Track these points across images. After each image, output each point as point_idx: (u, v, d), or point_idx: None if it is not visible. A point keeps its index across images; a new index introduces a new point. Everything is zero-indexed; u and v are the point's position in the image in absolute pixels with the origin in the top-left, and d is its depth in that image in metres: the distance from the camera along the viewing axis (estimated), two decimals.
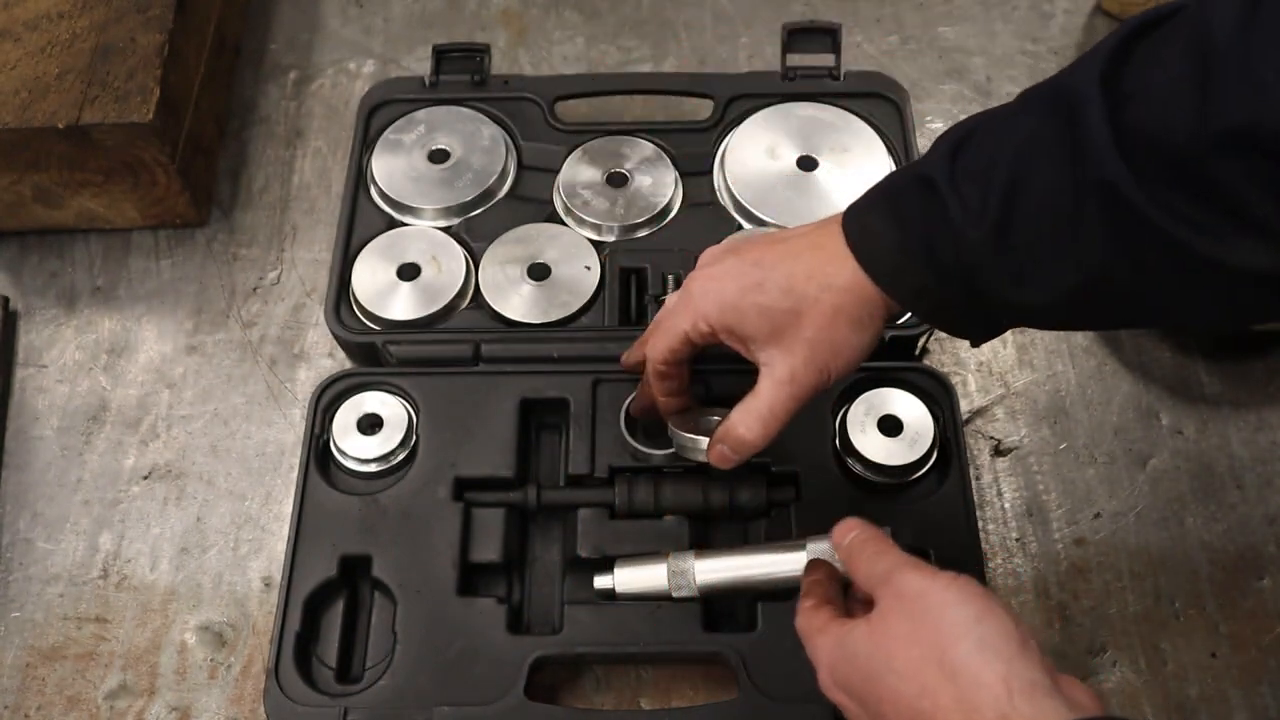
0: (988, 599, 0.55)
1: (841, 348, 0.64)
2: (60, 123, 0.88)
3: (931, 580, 0.56)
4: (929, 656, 0.53)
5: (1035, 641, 0.54)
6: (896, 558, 0.59)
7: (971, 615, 0.53)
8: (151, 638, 0.81)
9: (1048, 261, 0.57)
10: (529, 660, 0.74)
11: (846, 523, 0.65)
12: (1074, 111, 0.54)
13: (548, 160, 0.96)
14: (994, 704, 0.50)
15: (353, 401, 0.84)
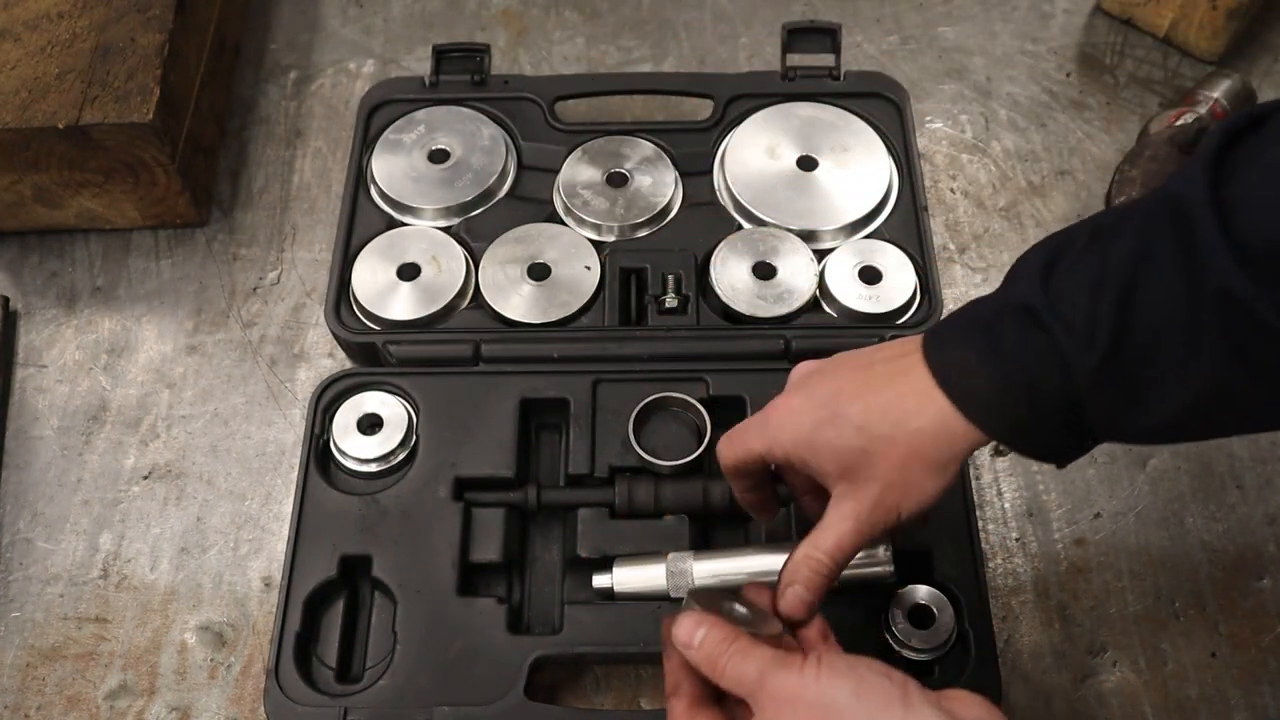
0: (853, 671, 0.56)
1: (913, 490, 0.62)
2: (60, 123, 0.88)
3: (800, 676, 0.56)
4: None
5: (910, 679, 0.56)
6: (760, 658, 0.57)
7: (850, 694, 0.55)
8: (151, 638, 0.81)
9: (1162, 382, 0.54)
10: (529, 660, 0.74)
11: (685, 620, 0.60)
12: (1183, 222, 0.52)
13: (548, 160, 0.96)
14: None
15: (353, 401, 0.84)
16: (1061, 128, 1.04)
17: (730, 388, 0.83)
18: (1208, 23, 1.03)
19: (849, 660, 0.57)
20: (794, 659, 0.57)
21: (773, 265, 0.89)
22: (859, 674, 0.55)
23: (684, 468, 0.80)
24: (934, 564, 0.76)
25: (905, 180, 0.94)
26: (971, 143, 1.03)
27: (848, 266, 0.89)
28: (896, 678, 0.55)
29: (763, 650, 0.58)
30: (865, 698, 0.54)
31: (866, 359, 0.65)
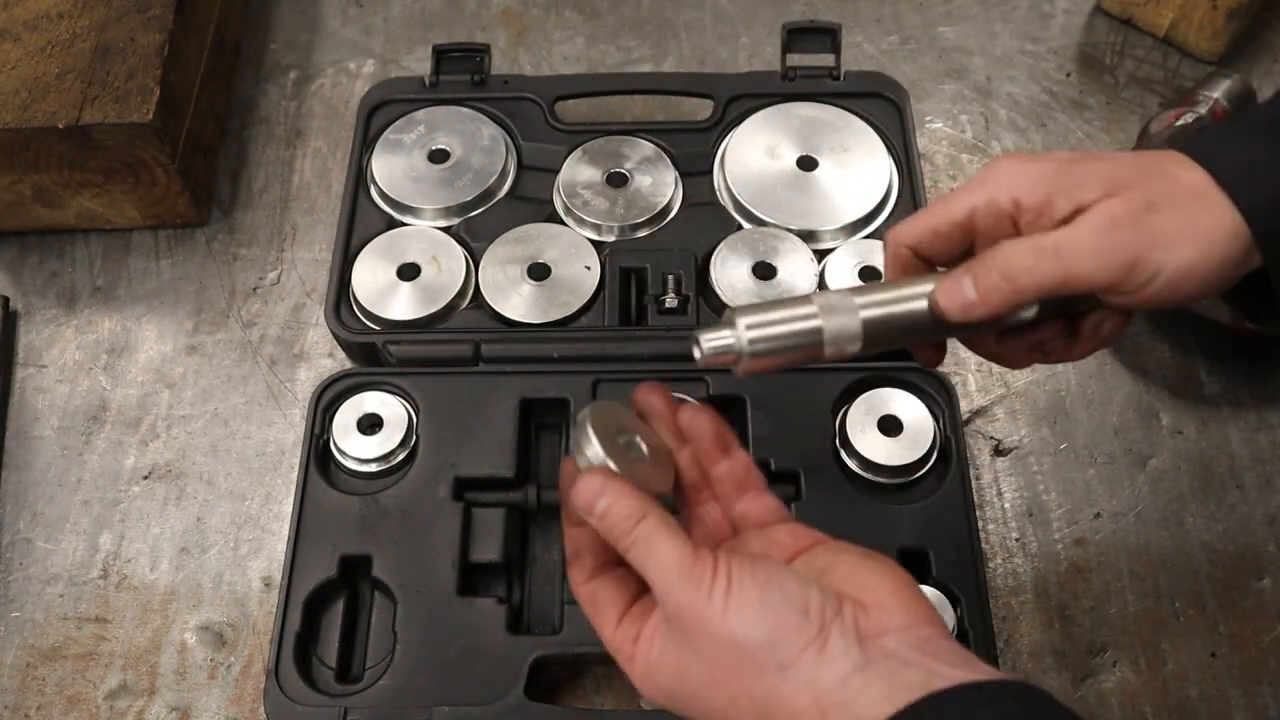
0: (766, 602, 0.48)
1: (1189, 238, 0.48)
2: (60, 123, 0.88)
3: (708, 603, 0.48)
4: (735, 697, 0.48)
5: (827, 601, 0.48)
6: (666, 559, 0.49)
7: (764, 637, 0.47)
8: (151, 638, 0.81)
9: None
10: (529, 660, 0.74)
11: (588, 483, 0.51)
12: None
13: (548, 160, 0.96)
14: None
15: (353, 401, 0.84)
16: (1061, 128, 1.04)
17: (730, 388, 0.83)
18: (1208, 23, 1.03)
19: (761, 585, 0.48)
20: (702, 569, 0.49)
21: (773, 265, 0.89)
22: (772, 608, 0.47)
23: None
24: (934, 564, 0.76)
25: (905, 180, 0.94)
26: (971, 143, 1.03)
27: (848, 266, 0.89)
28: (813, 607, 0.48)
29: (671, 545, 0.49)
30: (776, 641, 0.47)
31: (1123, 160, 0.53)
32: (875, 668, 0.46)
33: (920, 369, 0.84)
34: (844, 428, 0.81)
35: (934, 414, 0.81)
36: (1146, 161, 0.53)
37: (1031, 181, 0.53)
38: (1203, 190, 0.51)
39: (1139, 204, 0.50)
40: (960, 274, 0.52)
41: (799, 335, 0.54)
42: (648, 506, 0.51)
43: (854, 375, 0.83)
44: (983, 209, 0.54)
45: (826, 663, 0.47)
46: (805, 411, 0.82)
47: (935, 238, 0.56)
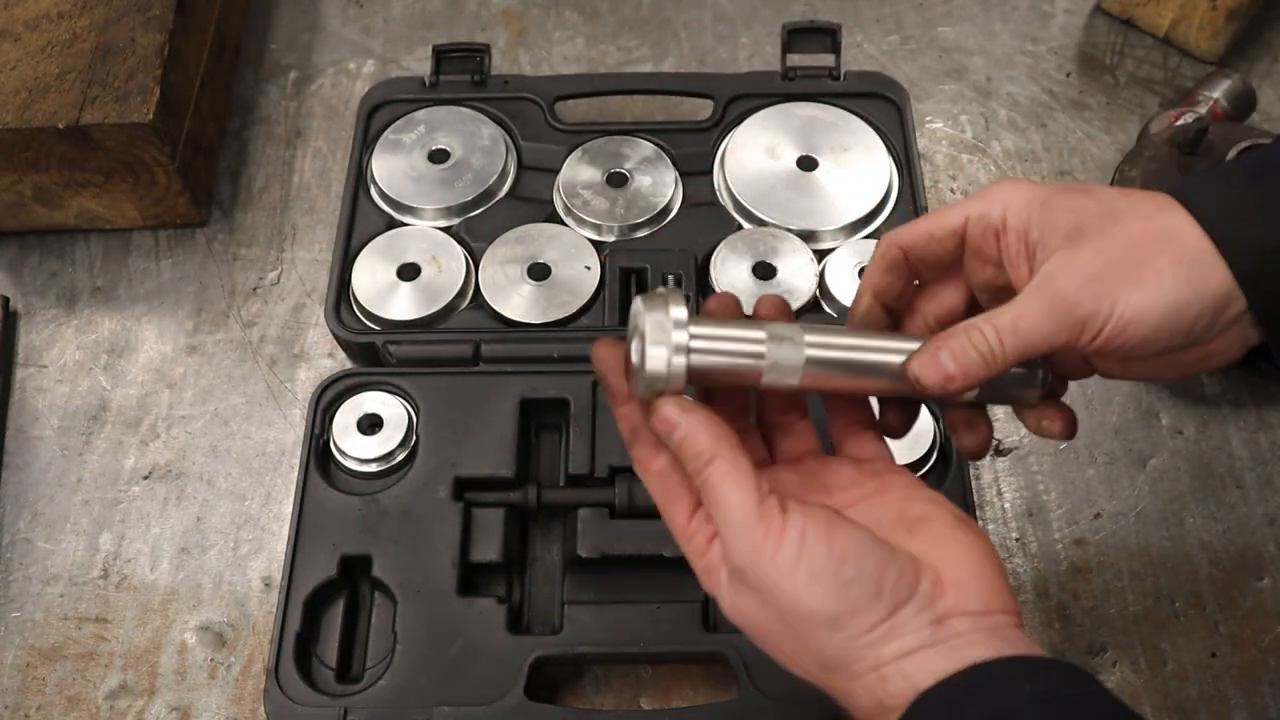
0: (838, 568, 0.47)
1: (1145, 285, 0.49)
2: (60, 123, 0.88)
3: (773, 564, 0.47)
4: (800, 652, 0.49)
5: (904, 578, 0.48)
6: (738, 500, 0.48)
7: (831, 616, 0.47)
8: (151, 638, 0.81)
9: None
10: (529, 660, 0.74)
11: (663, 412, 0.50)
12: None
13: (548, 160, 0.96)
14: (868, 691, 0.48)
15: (353, 401, 0.84)
16: (1061, 128, 1.04)
17: None
18: (1208, 23, 1.03)
19: (838, 559, 0.47)
20: (766, 525, 0.48)
21: (773, 265, 0.89)
22: (845, 587, 0.47)
23: None
24: None
25: (905, 180, 0.94)
26: (971, 143, 1.03)
27: (848, 266, 0.89)
28: (888, 584, 0.48)
29: (736, 495, 0.48)
30: (844, 619, 0.47)
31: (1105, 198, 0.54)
32: (941, 646, 0.48)
33: None
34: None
35: (934, 414, 0.81)
36: (1127, 202, 0.54)
37: (1020, 205, 0.54)
38: (1175, 231, 0.52)
39: (1090, 258, 0.51)
40: (936, 349, 0.53)
41: (740, 354, 0.52)
42: (719, 445, 0.49)
43: None
44: (975, 219, 0.55)
45: (893, 639, 0.48)
46: None
47: (930, 241, 0.57)
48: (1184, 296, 0.51)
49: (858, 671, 0.48)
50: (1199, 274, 0.51)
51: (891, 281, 0.59)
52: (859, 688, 0.48)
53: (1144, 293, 0.51)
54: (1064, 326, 0.51)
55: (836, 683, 0.49)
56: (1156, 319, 0.51)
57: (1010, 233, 0.54)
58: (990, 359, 0.52)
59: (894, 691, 0.47)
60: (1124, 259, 0.51)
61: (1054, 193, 0.54)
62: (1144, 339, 0.51)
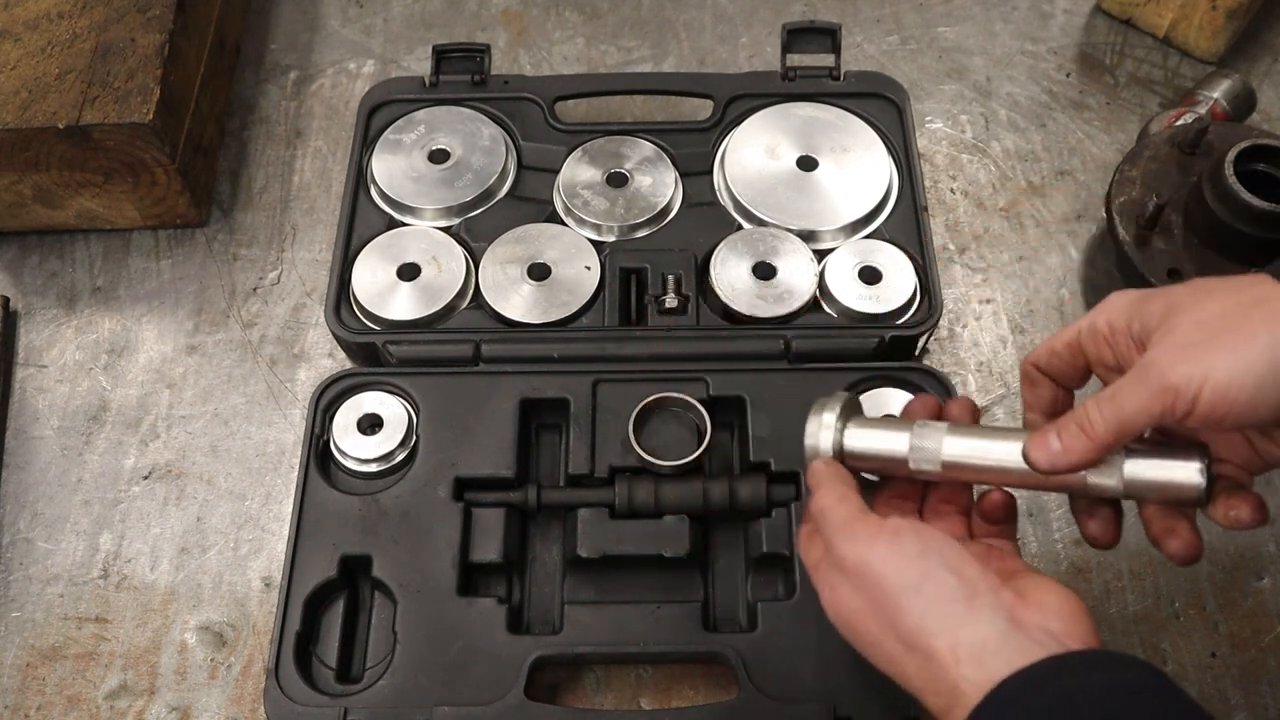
0: (925, 557, 0.55)
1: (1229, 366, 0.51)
2: (60, 123, 0.88)
3: (869, 548, 0.56)
4: (885, 630, 0.55)
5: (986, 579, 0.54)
6: (836, 519, 0.59)
7: (913, 583, 0.54)
8: (151, 638, 0.81)
9: None
10: (529, 660, 0.74)
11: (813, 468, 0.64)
12: None
13: (548, 160, 0.96)
14: (944, 674, 0.52)
15: (353, 401, 0.84)
16: (1061, 128, 1.04)
17: (730, 388, 0.83)
18: (1207, 23, 1.03)
19: (923, 542, 0.56)
20: (872, 520, 0.57)
21: (773, 265, 0.89)
22: (925, 561, 0.55)
23: (684, 468, 0.80)
24: None
25: (905, 180, 0.94)
26: (971, 143, 1.03)
27: (848, 266, 0.89)
28: (968, 575, 0.54)
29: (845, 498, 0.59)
30: (927, 589, 0.54)
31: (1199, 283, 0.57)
32: (1017, 642, 0.51)
33: (920, 368, 0.84)
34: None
35: None
36: (1220, 282, 0.56)
37: (1120, 308, 0.59)
38: (1268, 297, 0.53)
39: (1184, 331, 0.54)
40: (1048, 429, 0.58)
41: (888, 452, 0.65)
42: (831, 479, 0.61)
43: (854, 375, 0.83)
44: (1086, 331, 0.61)
45: (971, 622, 0.52)
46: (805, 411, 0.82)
47: (1052, 356, 0.63)
48: (1263, 392, 0.51)
49: (935, 650, 0.52)
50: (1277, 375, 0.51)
51: (1040, 394, 0.65)
52: (934, 669, 0.52)
53: (1238, 355, 0.51)
54: (1157, 394, 0.53)
55: (915, 667, 0.53)
56: (1257, 379, 0.51)
57: (1117, 334, 0.59)
58: (1090, 432, 0.56)
59: (968, 675, 0.51)
60: (1217, 327, 0.53)
61: (1152, 292, 0.58)
62: (1248, 404, 0.51)
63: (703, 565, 0.79)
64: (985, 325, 0.93)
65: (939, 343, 0.92)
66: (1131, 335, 0.58)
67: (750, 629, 0.75)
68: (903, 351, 0.86)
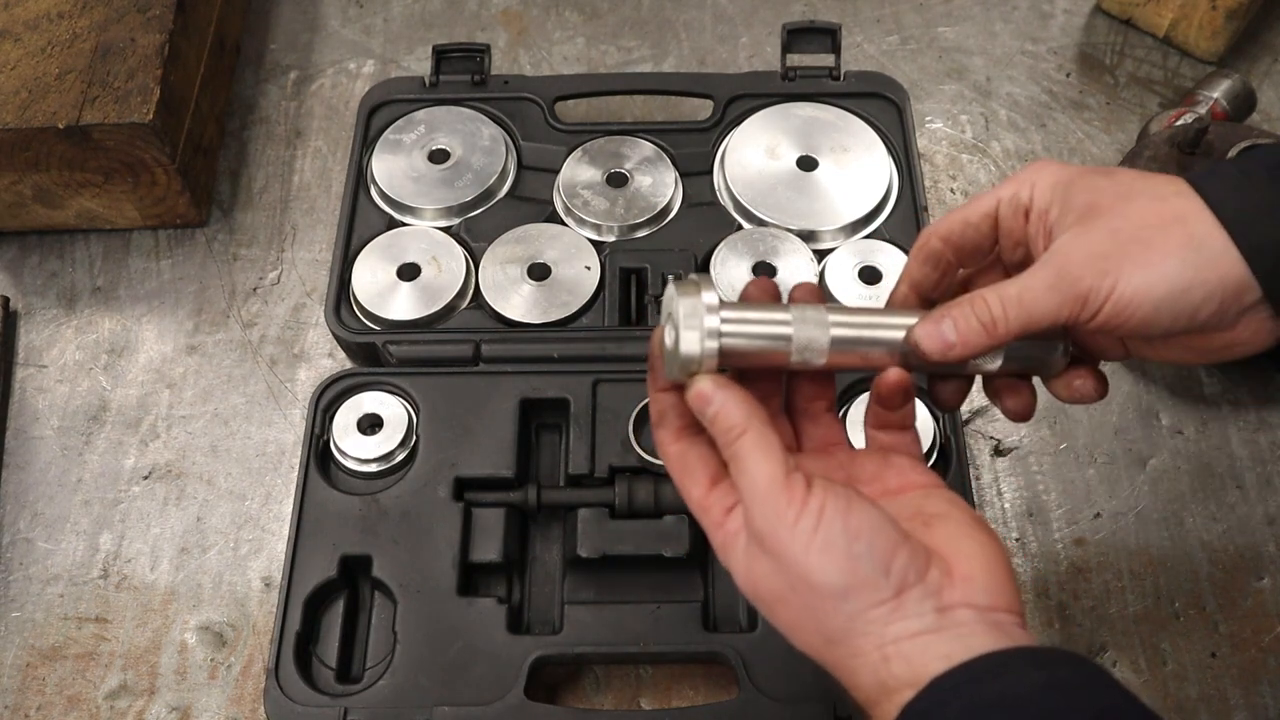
0: (853, 555, 0.48)
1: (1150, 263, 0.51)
2: (60, 123, 0.88)
3: (791, 535, 0.49)
4: (806, 621, 0.50)
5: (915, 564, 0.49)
6: (764, 472, 0.50)
7: (840, 587, 0.49)
8: (151, 638, 0.81)
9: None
10: (529, 660, 0.74)
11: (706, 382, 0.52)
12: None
13: (548, 160, 0.96)
14: (871, 671, 0.49)
15: (353, 401, 0.84)
16: (1061, 128, 1.04)
17: None
18: (1207, 23, 1.03)
19: (852, 535, 0.49)
20: (790, 496, 0.49)
21: (773, 265, 0.89)
22: (854, 561, 0.49)
23: None
24: None
25: (905, 180, 0.94)
26: (971, 143, 1.03)
27: (848, 266, 0.89)
28: (897, 567, 0.49)
29: (762, 467, 0.50)
30: (850, 593, 0.49)
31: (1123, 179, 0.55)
32: (945, 633, 0.49)
33: None
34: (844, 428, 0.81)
35: (934, 414, 0.81)
36: (1143, 185, 0.55)
37: (1045, 186, 0.56)
38: (1186, 216, 0.53)
39: (1100, 237, 0.53)
40: (940, 316, 0.55)
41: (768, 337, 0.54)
42: (750, 420, 0.51)
43: (854, 375, 0.83)
44: (1007, 201, 0.57)
45: (897, 620, 0.49)
46: None
47: (967, 228, 0.59)
48: (1187, 280, 0.51)
49: (861, 649, 0.49)
50: (1206, 260, 0.52)
51: (928, 273, 0.60)
52: (860, 665, 0.49)
53: (1146, 273, 0.52)
54: (1066, 300, 0.53)
55: (838, 658, 0.50)
56: (1157, 300, 0.52)
57: (1034, 212, 0.56)
58: (991, 329, 0.53)
59: (896, 673, 0.48)
60: (1131, 239, 0.52)
61: (1077, 174, 0.56)
62: (1145, 319, 0.52)
63: (703, 565, 0.79)
64: None
65: None
66: (1046, 220, 0.56)
67: (750, 629, 0.75)
68: None
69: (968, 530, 0.53)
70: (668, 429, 0.56)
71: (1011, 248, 0.58)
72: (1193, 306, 0.52)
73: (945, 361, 0.54)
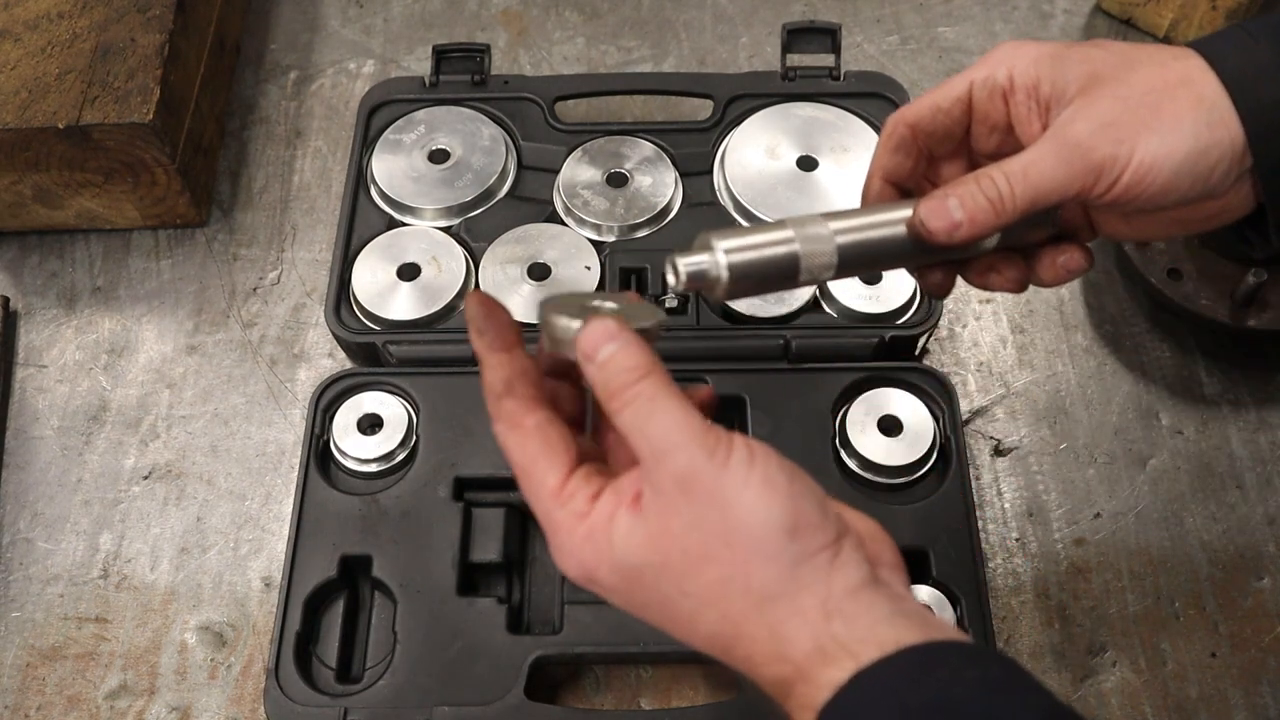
0: (793, 497, 0.44)
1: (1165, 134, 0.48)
2: (60, 123, 0.88)
3: (723, 473, 0.44)
4: (733, 578, 0.44)
5: (852, 527, 0.46)
6: (678, 421, 0.44)
7: (785, 525, 0.43)
8: (151, 638, 0.81)
9: None
10: (529, 660, 0.74)
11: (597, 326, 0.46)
12: None
13: (548, 160, 0.96)
14: (810, 632, 0.44)
15: (353, 401, 0.84)
16: None
17: (730, 388, 0.83)
18: (1208, 23, 1.03)
19: (790, 472, 0.45)
20: (716, 436, 0.44)
21: None
22: (799, 499, 0.44)
23: None
24: (933, 564, 0.76)
25: None
26: None
27: None
28: (831, 516, 0.45)
29: (682, 406, 0.45)
30: (798, 531, 0.44)
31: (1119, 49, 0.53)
32: (880, 589, 0.45)
33: (921, 369, 0.84)
34: (844, 428, 0.81)
35: (934, 414, 0.81)
36: (1143, 53, 0.53)
37: (1027, 63, 0.53)
38: (1192, 78, 0.51)
39: (1108, 105, 0.50)
40: (944, 196, 0.52)
41: (776, 260, 0.53)
42: (656, 364, 0.46)
43: (854, 375, 0.83)
44: (980, 83, 0.55)
45: (839, 569, 0.44)
46: (805, 411, 0.82)
47: (937, 113, 0.56)
48: (1204, 142, 0.50)
49: (803, 605, 0.44)
50: (1218, 119, 0.50)
51: (900, 161, 0.58)
52: (799, 627, 0.44)
53: (1164, 138, 0.49)
54: (1079, 173, 0.50)
55: (772, 618, 0.44)
56: (1177, 164, 0.50)
57: (1019, 91, 0.54)
58: (999, 206, 0.51)
59: (837, 634, 0.43)
60: (1141, 105, 0.50)
61: (1062, 49, 0.53)
62: (1164, 186, 0.50)
63: None
64: (985, 325, 0.93)
65: (939, 343, 0.92)
66: (1038, 96, 0.53)
67: None
68: (903, 351, 0.86)
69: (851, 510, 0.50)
70: (520, 399, 0.48)
71: (986, 133, 0.56)
72: (1209, 168, 0.50)
73: (951, 244, 0.52)
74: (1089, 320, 0.92)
